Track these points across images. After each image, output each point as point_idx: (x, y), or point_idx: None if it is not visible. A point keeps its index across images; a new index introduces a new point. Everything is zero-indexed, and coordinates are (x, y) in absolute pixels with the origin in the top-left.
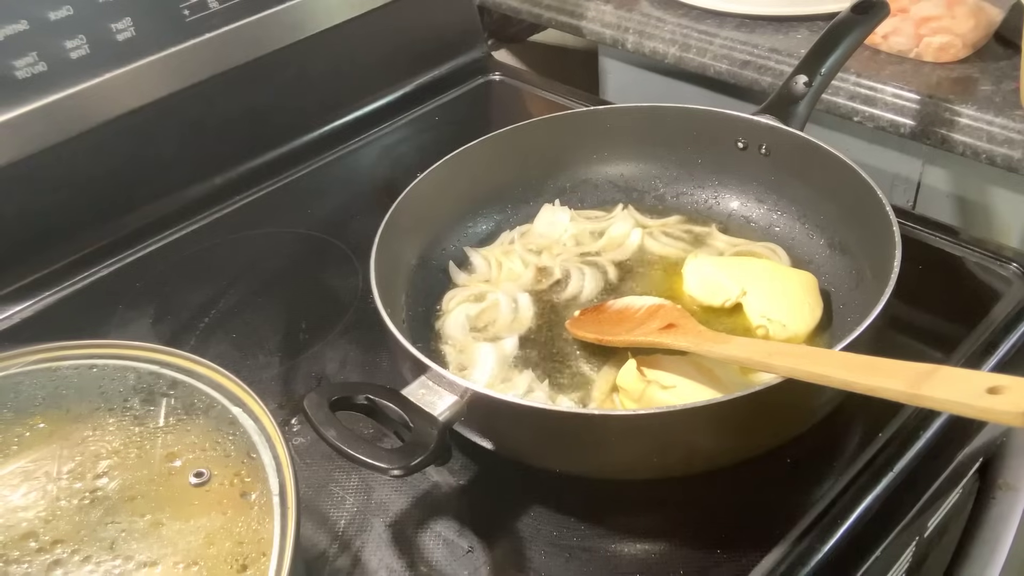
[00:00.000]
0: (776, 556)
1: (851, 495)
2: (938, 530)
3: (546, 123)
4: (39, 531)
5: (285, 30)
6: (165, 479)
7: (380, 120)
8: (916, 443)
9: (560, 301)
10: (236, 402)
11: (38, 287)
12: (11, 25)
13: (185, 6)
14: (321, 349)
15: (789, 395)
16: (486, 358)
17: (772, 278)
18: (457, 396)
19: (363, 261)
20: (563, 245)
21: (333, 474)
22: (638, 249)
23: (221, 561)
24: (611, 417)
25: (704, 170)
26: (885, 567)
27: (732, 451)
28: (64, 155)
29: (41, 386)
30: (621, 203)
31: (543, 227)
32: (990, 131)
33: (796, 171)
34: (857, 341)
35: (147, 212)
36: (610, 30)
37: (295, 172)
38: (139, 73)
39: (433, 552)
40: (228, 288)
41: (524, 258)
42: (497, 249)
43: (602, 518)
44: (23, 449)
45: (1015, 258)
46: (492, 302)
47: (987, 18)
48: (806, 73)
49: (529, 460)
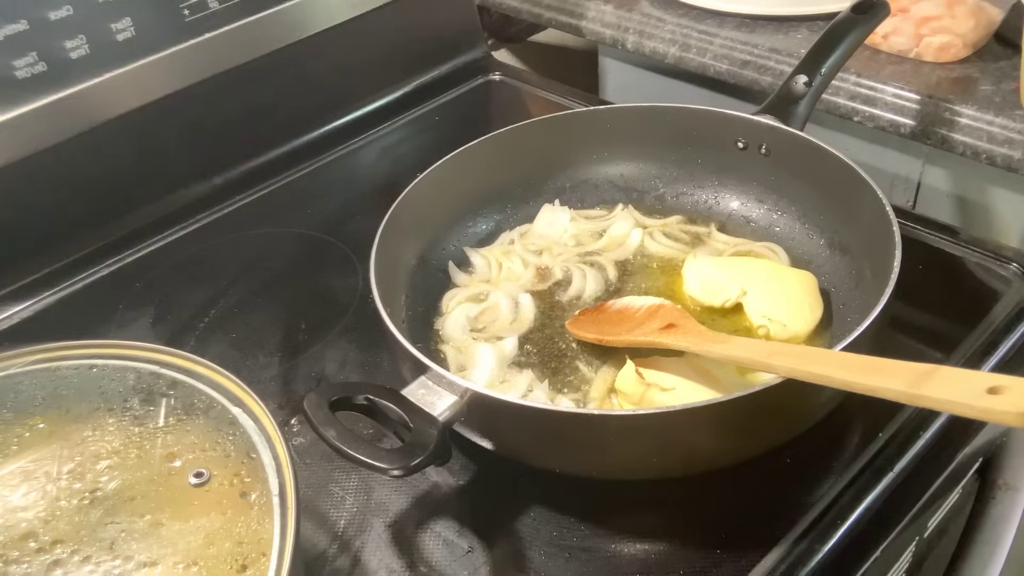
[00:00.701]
0: (776, 556)
1: (851, 495)
2: (938, 530)
3: (546, 123)
4: (39, 531)
5: (285, 30)
6: (165, 479)
7: (380, 120)
8: (916, 443)
9: (560, 302)
10: (236, 402)
11: (38, 287)
12: (11, 25)
13: (185, 6)
14: (321, 349)
15: (789, 395)
16: (486, 358)
17: (772, 278)
18: (457, 396)
19: (363, 261)
20: (563, 245)
21: (333, 474)
22: (638, 249)
23: (221, 561)
24: (611, 417)
25: (704, 170)
26: (885, 567)
27: (732, 451)
28: (64, 155)
29: (41, 386)
30: (621, 203)
31: (543, 227)
32: (990, 131)
33: (796, 171)
34: (857, 341)
35: (147, 212)
36: (610, 30)
37: (295, 172)
38: (139, 73)
39: (433, 552)
40: (228, 288)
41: (524, 258)
42: (497, 249)
43: (602, 518)
44: (23, 449)
45: (1015, 258)
46: (492, 302)
47: (987, 18)
48: (806, 73)
49: (529, 460)
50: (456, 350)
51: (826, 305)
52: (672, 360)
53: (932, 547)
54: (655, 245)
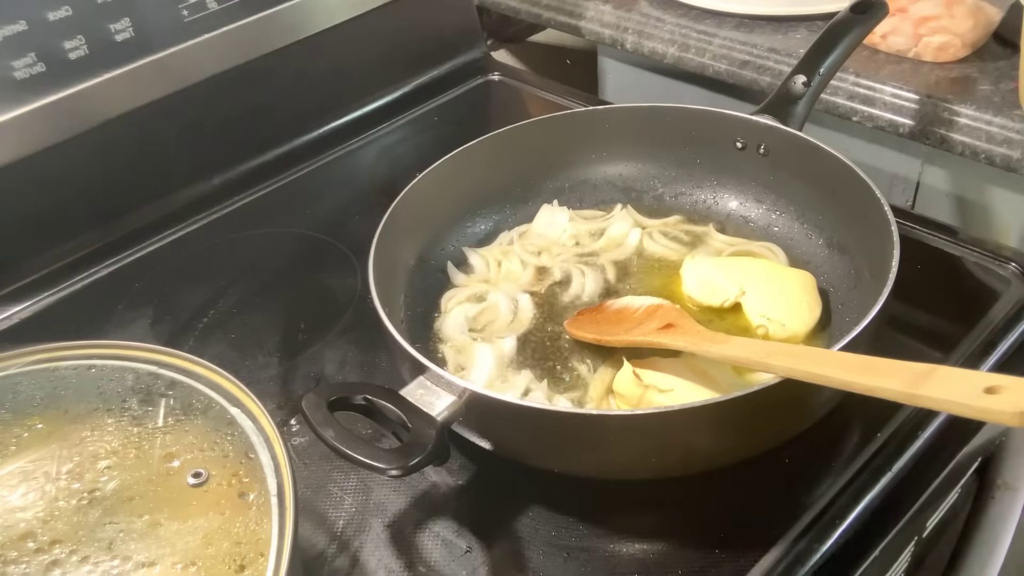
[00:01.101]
0: (775, 556)
1: (850, 495)
2: (937, 530)
3: (545, 123)
4: (37, 531)
5: (284, 30)
6: (163, 479)
7: (379, 120)
8: (915, 443)
9: (559, 302)
10: (234, 402)
11: (37, 287)
12: (10, 25)
13: (184, 7)
14: (320, 349)
15: (787, 395)
16: (484, 358)
17: (770, 278)
18: (455, 396)
19: (362, 261)
20: (562, 245)
21: (331, 474)
22: (637, 249)
23: (219, 561)
24: (609, 417)
25: (703, 170)
26: (884, 567)
27: (731, 451)
28: (63, 155)
29: (39, 386)
30: (620, 203)
31: (542, 227)
32: (989, 131)
33: (795, 171)
34: (855, 341)
35: (146, 212)
36: (609, 30)
37: (294, 172)
38: (138, 73)
39: (432, 552)
40: (227, 288)
41: (523, 259)
42: (496, 249)
43: (601, 518)
44: (21, 450)
45: (1014, 258)
46: (491, 302)
47: (986, 18)
48: (805, 73)
49: (527, 460)
50: (455, 350)
51: (825, 305)
52: (669, 361)
53: (931, 547)
54: (654, 245)
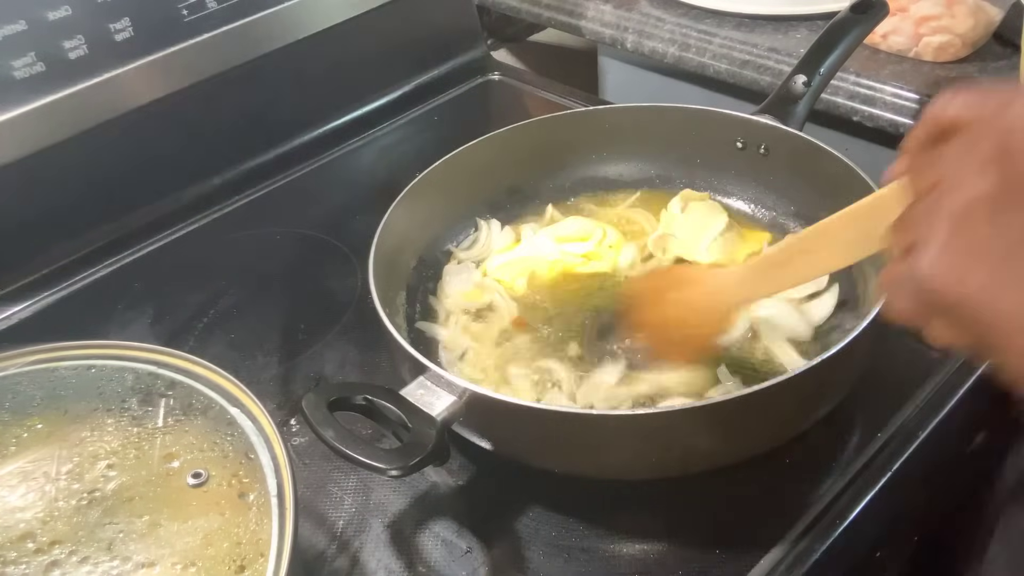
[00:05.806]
0: (775, 556)
1: (850, 495)
2: (936, 530)
3: (545, 123)
4: (37, 532)
5: (284, 30)
6: (163, 480)
7: (379, 120)
8: (914, 443)
9: (560, 300)
10: (234, 403)
11: (37, 287)
12: (10, 25)
13: (183, 6)
14: (320, 349)
15: (787, 395)
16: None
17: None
18: (455, 396)
19: (362, 261)
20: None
21: (331, 474)
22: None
23: (219, 562)
24: (609, 417)
25: (703, 170)
26: (884, 567)
27: (731, 451)
28: (63, 155)
29: (39, 387)
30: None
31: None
32: None
33: (795, 171)
34: (857, 340)
35: (146, 212)
36: (609, 30)
37: (294, 172)
38: (138, 73)
39: (432, 552)
40: (227, 288)
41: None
42: (495, 249)
43: (601, 518)
44: (21, 450)
45: None
46: (490, 301)
47: (986, 18)
48: (805, 73)
49: (528, 460)
50: (454, 351)
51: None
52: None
53: (931, 546)
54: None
